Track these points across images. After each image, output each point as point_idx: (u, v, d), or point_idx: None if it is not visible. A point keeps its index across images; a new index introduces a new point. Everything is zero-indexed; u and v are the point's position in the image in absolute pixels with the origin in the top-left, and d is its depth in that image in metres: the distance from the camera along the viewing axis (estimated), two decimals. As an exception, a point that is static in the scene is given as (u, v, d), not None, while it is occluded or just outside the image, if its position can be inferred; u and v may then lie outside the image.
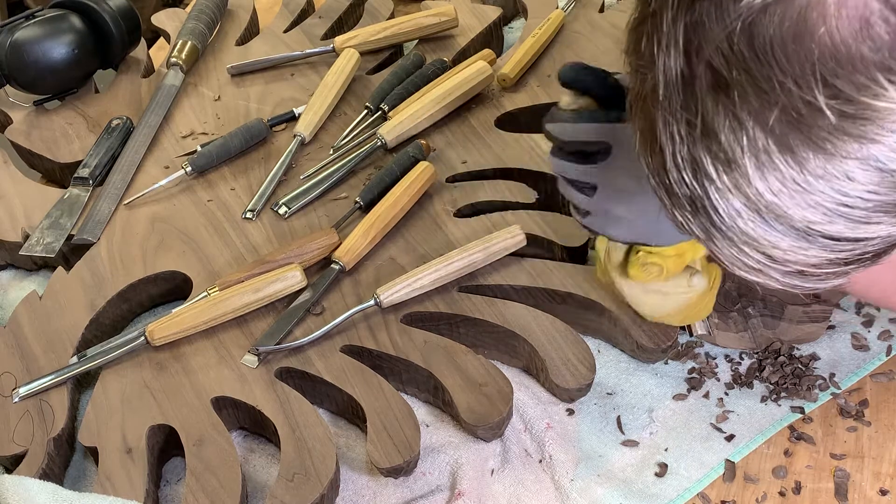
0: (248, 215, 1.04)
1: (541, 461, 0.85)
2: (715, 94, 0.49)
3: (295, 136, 1.11)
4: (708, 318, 0.91)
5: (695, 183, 0.52)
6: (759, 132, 0.48)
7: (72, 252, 1.04)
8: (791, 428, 0.87)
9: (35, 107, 1.20)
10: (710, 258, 0.80)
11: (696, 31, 0.49)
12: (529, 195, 1.02)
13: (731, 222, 0.52)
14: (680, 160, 0.52)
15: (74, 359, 0.92)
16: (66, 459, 0.88)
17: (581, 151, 0.76)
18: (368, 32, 1.23)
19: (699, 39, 0.49)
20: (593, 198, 0.77)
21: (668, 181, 0.53)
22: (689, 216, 0.54)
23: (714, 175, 0.51)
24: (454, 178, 1.06)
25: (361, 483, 0.85)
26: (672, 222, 0.57)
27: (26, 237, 1.04)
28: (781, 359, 0.91)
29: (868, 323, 0.94)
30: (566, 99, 0.77)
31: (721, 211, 0.52)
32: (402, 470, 0.82)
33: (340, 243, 0.97)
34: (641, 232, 0.78)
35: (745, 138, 0.49)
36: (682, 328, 0.92)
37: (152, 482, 0.83)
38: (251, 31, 1.32)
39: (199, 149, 1.11)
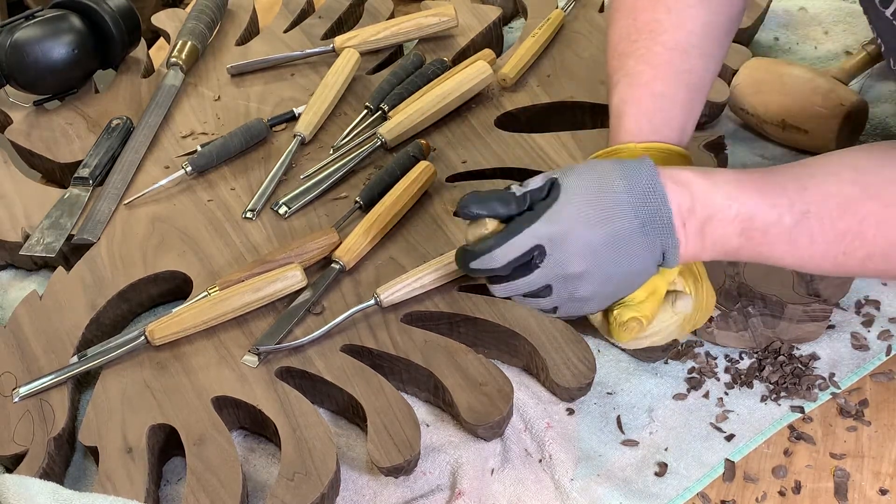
0: (248, 215, 1.04)
1: (541, 461, 0.86)
2: None
3: (295, 135, 1.11)
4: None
5: None
6: None
7: (72, 252, 1.04)
8: (791, 427, 0.87)
9: (35, 107, 1.20)
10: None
11: None
12: (529, 195, 1.02)
13: None
14: None
15: (75, 358, 0.92)
16: (66, 459, 0.88)
17: (519, 266, 0.74)
18: (368, 32, 1.23)
19: None
20: (553, 295, 0.75)
21: None
22: None
23: None
24: (454, 178, 1.06)
25: (362, 482, 0.85)
26: None
27: (26, 237, 1.04)
28: (781, 358, 0.91)
29: (868, 323, 0.94)
30: (472, 233, 0.75)
31: None
32: (402, 469, 0.82)
33: (340, 243, 0.97)
34: (612, 293, 0.77)
35: None
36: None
37: (153, 482, 0.83)
38: (251, 31, 1.32)
39: (199, 149, 1.11)
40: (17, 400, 0.88)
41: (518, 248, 0.73)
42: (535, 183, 0.74)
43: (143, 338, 0.90)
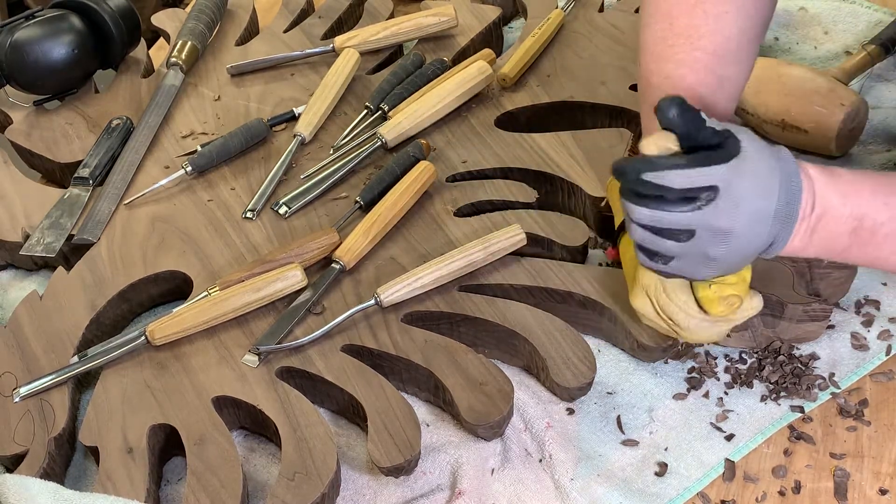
0: (249, 215, 1.04)
1: (541, 460, 0.86)
2: None
3: (295, 135, 1.12)
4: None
5: None
6: None
7: (72, 252, 1.04)
8: (791, 427, 0.87)
9: (35, 107, 1.20)
10: None
11: None
12: (529, 194, 1.02)
13: None
14: None
15: (75, 358, 0.92)
16: (66, 459, 0.88)
17: (685, 197, 0.71)
18: (368, 32, 1.23)
19: None
20: (688, 242, 0.72)
21: None
22: None
23: None
24: (454, 178, 1.06)
25: (362, 482, 0.85)
26: None
27: (26, 237, 1.04)
28: (781, 358, 0.91)
29: (868, 323, 0.94)
30: (653, 144, 0.71)
31: None
32: (402, 469, 0.82)
33: (341, 243, 0.97)
34: (729, 266, 0.76)
35: None
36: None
37: (153, 482, 0.83)
38: (251, 31, 1.32)
39: (199, 149, 1.11)
40: (17, 400, 0.88)
41: (703, 178, 0.70)
42: (714, 124, 0.72)
43: (143, 338, 0.90)
